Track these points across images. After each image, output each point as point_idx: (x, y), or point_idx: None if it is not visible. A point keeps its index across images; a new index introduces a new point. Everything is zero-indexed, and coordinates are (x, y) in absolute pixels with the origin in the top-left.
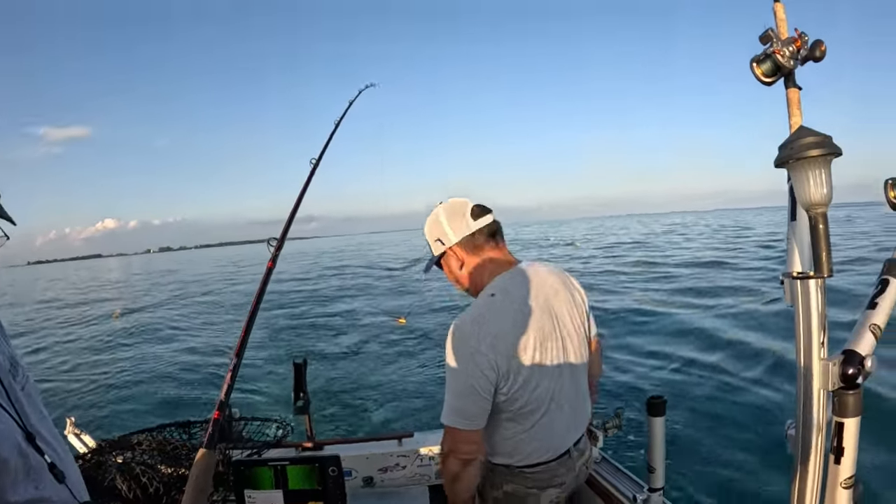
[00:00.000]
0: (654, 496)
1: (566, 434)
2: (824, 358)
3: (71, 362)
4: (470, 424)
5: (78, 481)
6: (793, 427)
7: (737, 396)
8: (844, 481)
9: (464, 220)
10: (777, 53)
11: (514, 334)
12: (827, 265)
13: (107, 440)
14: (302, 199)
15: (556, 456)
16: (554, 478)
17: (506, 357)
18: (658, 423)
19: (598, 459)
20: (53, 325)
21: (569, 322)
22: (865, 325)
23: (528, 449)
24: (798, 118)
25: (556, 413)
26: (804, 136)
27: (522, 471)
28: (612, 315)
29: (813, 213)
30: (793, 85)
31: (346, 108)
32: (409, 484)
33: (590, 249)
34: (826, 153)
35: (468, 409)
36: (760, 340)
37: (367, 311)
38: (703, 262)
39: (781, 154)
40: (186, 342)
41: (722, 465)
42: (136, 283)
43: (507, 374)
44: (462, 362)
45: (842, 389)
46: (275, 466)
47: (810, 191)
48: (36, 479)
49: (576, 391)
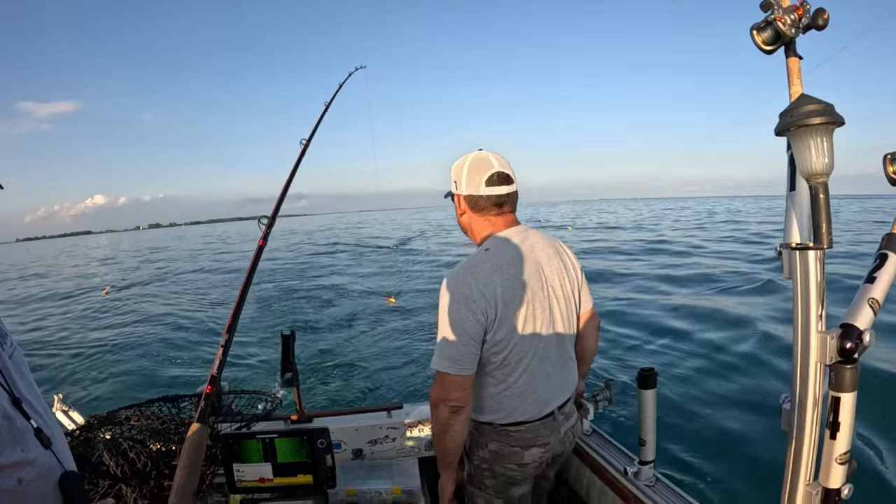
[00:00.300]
0: (644, 469)
1: (550, 396)
2: (822, 331)
3: (59, 339)
4: (460, 369)
5: (64, 449)
6: (788, 401)
7: (729, 371)
8: (839, 457)
9: (479, 181)
10: (778, 21)
11: (503, 287)
12: (827, 236)
13: (95, 416)
14: (292, 178)
15: (539, 416)
16: (537, 437)
17: (494, 306)
18: (649, 395)
19: (589, 432)
20: (41, 302)
21: (558, 287)
22: (864, 300)
23: (512, 406)
24: (798, 88)
25: (539, 372)
26: (806, 104)
27: (506, 429)
28: (609, 298)
29: (814, 183)
30: (793, 54)
31: (336, 90)
32: (398, 456)
33: (586, 232)
34: (828, 121)
35: (459, 354)
36: (753, 315)
37: (356, 286)
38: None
39: (782, 121)
40: (174, 318)
41: (714, 439)
42: (124, 259)
43: (495, 321)
44: (455, 307)
45: (839, 363)
46: (263, 439)
47: (812, 159)
48: (22, 443)
49: (560, 355)
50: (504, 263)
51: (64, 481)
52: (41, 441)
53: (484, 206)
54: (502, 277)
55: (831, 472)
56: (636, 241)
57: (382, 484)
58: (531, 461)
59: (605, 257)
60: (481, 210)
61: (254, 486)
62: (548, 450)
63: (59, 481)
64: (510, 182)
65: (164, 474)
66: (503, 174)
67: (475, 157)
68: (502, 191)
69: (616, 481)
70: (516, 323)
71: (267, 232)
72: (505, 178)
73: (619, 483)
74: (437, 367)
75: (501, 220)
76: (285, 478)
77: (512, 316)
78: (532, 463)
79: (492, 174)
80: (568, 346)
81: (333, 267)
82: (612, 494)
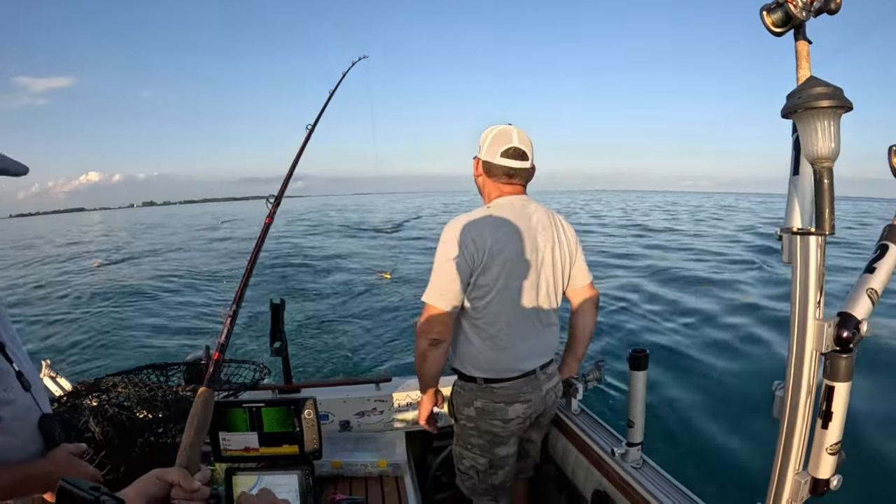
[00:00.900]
0: (632, 450)
1: (529, 355)
2: (820, 318)
3: (47, 308)
4: (442, 302)
5: (42, 394)
6: (780, 388)
7: (722, 355)
8: (830, 447)
9: (496, 150)
10: (789, 3)
11: (494, 239)
12: (829, 222)
13: (82, 382)
14: (297, 161)
15: (521, 374)
16: (520, 394)
17: (482, 252)
18: (639, 377)
19: (577, 412)
20: (34, 272)
21: (548, 255)
22: (862, 289)
23: (493, 359)
24: (806, 71)
25: (518, 328)
26: (814, 86)
27: (490, 386)
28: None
29: (818, 167)
30: (803, 37)
31: (340, 79)
32: (386, 429)
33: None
34: (836, 105)
35: (445, 287)
36: (749, 301)
37: (351, 263)
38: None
39: (789, 103)
40: (166, 292)
41: (703, 423)
42: (117, 235)
43: (480, 266)
44: (448, 248)
45: (835, 352)
46: (250, 408)
47: (818, 143)
48: (4, 383)
49: (542, 318)
50: (500, 222)
51: (43, 422)
52: (22, 384)
53: (496, 174)
54: (494, 232)
55: (821, 462)
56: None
57: (369, 457)
58: (515, 416)
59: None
60: (494, 176)
61: (239, 454)
62: (530, 406)
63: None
64: (524, 158)
65: (150, 442)
66: (519, 150)
67: (500, 130)
68: (514, 164)
69: (602, 461)
70: (500, 273)
71: (274, 210)
72: (520, 153)
73: (606, 463)
74: (426, 298)
75: (510, 189)
76: (271, 447)
77: (497, 266)
78: (516, 419)
79: (508, 148)
80: (550, 311)
81: (328, 244)
82: (598, 474)
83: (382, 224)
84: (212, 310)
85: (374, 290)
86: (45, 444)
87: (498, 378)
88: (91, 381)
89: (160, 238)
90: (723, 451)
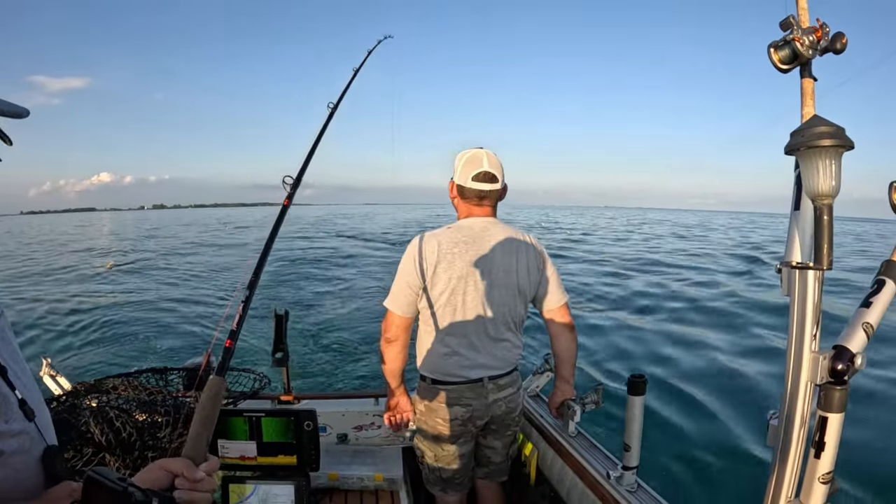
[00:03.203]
0: (627, 474)
1: (476, 366)
2: (815, 351)
3: (54, 307)
4: (397, 308)
5: (48, 423)
6: (775, 417)
7: (719, 381)
8: (822, 476)
9: (467, 174)
10: (797, 41)
11: (443, 255)
12: (827, 257)
13: (82, 383)
14: (319, 140)
15: (465, 380)
16: (461, 398)
17: (433, 265)
18: (637, 401)
19: (574, 434)
20: (43, 270)
21: (502, 276)
22: (858, 323)
23: (439, 363)
24: (811, 108)
25: (465, 340)
26: (817, 125)
27: (436, 386)
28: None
29: (819, 204)
30: (808, 75)
31: (365, 56)
32: (382, 444)
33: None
34: (838, 144)
35: (400, 295)
36: (749, 328)
37: (357, 274)
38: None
39: (793, 141)
40: (171, 293)
41: (697, 449)
42: (129, 236)
43: (432, 278)
44: (405, 260)
45: (829, 384)
46: (250, 417)
47: (819, 181)
48: (6, 413)
49: (493, 334)
50: (454, 241)
51: (46, 456)
52: (25, 413)
53: (468, 196)
54: (449, 249)
55: (813, 491)
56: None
57: (365, 470)
58: (455, 418)
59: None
60: (466, 198)
61: (237, 463)
62: (469, 411)
63: (41, 456)
64: (494, 181)
65: (148, 446)
66: (489, 174)
67: (472, 154)
68: (484, 187)
69: (598, 484)
70: (446, 288)
71: (292, 192)
72: (490, 177)
73: (601, 486)
74: (385, 303)
75: (479, 210)
76: (269, 457)
77: (443, 282)
78: (455, 420)
79: (479, 172)
80: (502, 328)
81: (335, 255)
82: (592, 497)
83: (394, 236)
84: (214, 315)
85: (377, 303)
86: (46, 479)
87: (443, 381)
88: (91, 383)
89: (167, 242)
90: (717, 476)
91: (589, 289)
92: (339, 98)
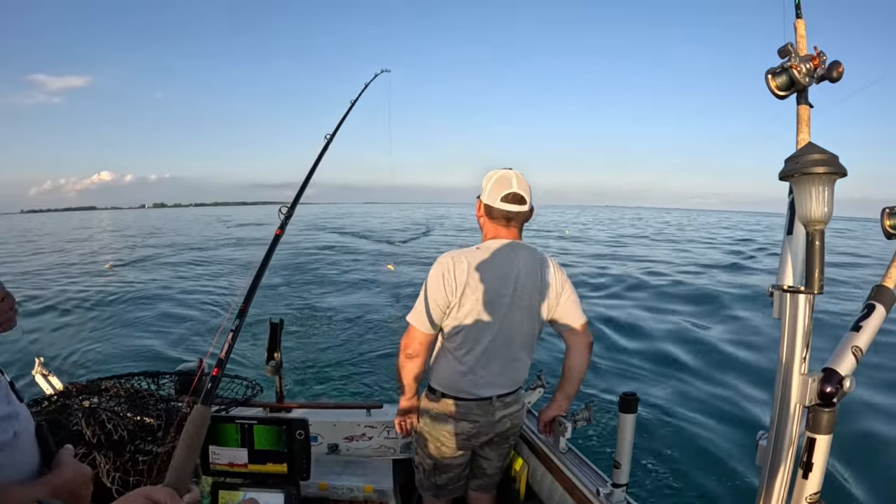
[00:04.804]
0: (616, 492)
1: (487, 384)
2: (804, 373)
3: (50, 305)
4: (421, 325)
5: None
6: (764, 438)
7: (709, 402)
8: (810, 496)
9: (496, 195)
10: (794, 69)
11: (472, 277)
12: (818, 282)
13: (74, 383)
14: (314, 170)
15: (475, 398)
16: (469, 414)
17: (463, 286)
18: (629, 419)
19: (565, 450)
20: (41, 271)
21: (526, 298)
22: (848, 347)
23: (455, 380)
24: (806, 135)
25: (482, 359)
26: (811, 153)
27: (446, 401)
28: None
29: (811, 230)
30: (804, 102)
31: (362, 89)
32: (374, 455)
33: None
34: (831, 172)
35: (425, 314)
36: (740, 349)
37: (354, 280)
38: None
39: (787, 167)
40: (170, 294)
41: (687, 467)
42: (127, 236)
43: (459, 300)
44: (434, 277)
45: (818, 406)
46: (242, 424)
47: (811, 207)
48: (7, 396)
49: (508, 355)
50: (482, 263)
51: (39, 433)
52: (16, 394)
53: (496, 217)
54: (473, 272)
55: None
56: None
57: (356, 481)
58: (460, 432)
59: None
60: (494, 219)
61: (227, 469)
62: (475, 427)
63: (35, 434)
64: (522, 202)
65: (139, 448)
66: (518, 195)
67: (501, 175)
68: (513, 208)
69: (587, 501)
70: (472, 310)
71: (285, 221)
72: (519, 198)
73: (590, 503)
74: (409, 318)
75: (505, 232)
76: (260, 465)
77: (469, 303)
78: (461, 434)
79: (508, 193)
80: (518, 349)
81: (331, 258)
82: None
83: (392, 236)
84: (210, 318)
85: (373, 310)
86: (42, 455)
87: (454, 396)
88: (83, 384)
89: (168, 241)
90: (706, 496)
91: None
92: (335, 129)
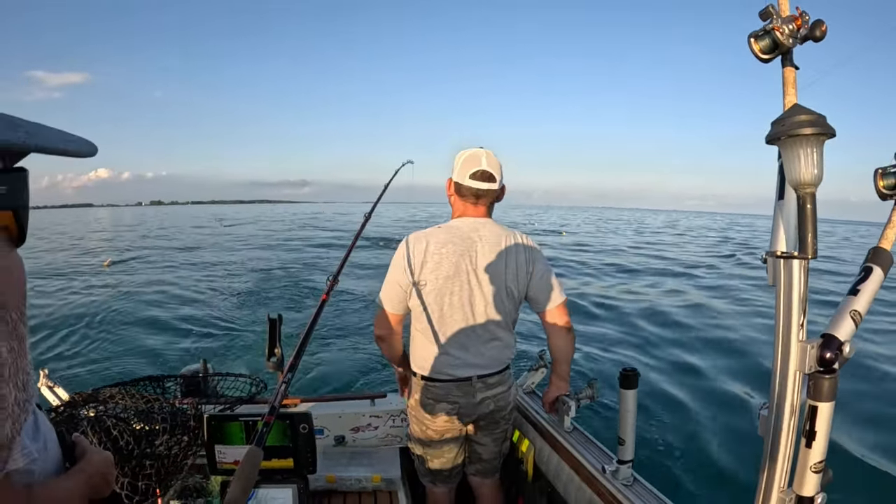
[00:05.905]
0: (622, 468)
1: (465, 365)
2: (803, 340)
3: (51, 310)
4: (387, 304)
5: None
6: (766, 408)
7: (709, 376)
8: (814, 465)
9: (465, 172)
10: (776, 30)
11: (432, 255)
12: (812, 246)
13: (79, 393)
14: (355, 243)
15: (453, 379)
16: (448, 395)
17: (420, 266)
18: (630, 395)
19: (570, 429)
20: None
21: (487, 276)
22: (846, 311)
23: (430, 362)
24: (793, 97)
25: (454, 340)
26: (798, 114)
27: (425, 383)
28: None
29: (802, 193)
30: (790, 64)
31: (390, 179)
32: (380, 445)
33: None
34: (819, 132)
35: (391, 292)
36: (738, 321)
37: (350, 274)
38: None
39: (774, 130)
40: (169, 293)
41: (691, 442)
42: (124, 233)
43: (420, 278)
44: (395, 259)
45: (818, 373)
46: (246, 422)
47: (801, 169)
48: (35, 422)
49: (479, 333)
50: (445, 240)
51: (60, 436)
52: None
53: (465, 194)
54: (437, 249)
55: (805, 480)
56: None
57: (363, 471)
58: (441, 413)
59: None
60: (462, 196)
61: (235, 468)
62: (455, 409)
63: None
64: (492, 180)
65: (145, 453)
66: (487, 173)
67: (471, 153)
68: (482, 186)
69: (594, 479)
70: (434, 288)
71: (331, 286)
72: (488, 176)
73: (597, 481)
74: (378, 298)
75: (473, 210)
76: (267, 461)
77: (433, 281)
78: (441, 416)
79: (477, 171)
80: (492, 327)
81: (327, 253)
82: (589, 492)
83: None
84: (210, 318)
85: (371, 305)
86: (63, 453)
87: (431, 377)
88: (88, 393)
89: (166, 240)
90: (712, 468)
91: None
92: (371, 208)
